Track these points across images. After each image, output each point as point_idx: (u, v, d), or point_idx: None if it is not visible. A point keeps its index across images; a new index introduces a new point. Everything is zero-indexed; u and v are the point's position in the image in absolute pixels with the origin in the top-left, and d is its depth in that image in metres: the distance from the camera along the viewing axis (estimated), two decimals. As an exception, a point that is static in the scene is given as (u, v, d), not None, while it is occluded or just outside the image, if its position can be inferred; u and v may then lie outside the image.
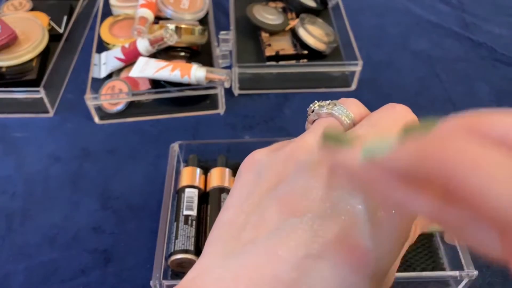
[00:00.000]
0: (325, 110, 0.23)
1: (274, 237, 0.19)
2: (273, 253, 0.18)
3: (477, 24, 0.78)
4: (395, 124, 0.22)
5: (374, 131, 0.21)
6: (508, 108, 0.67)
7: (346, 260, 0.18)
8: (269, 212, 0.20)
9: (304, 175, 0.20)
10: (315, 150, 0.21)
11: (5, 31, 0.63)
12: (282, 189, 0.20)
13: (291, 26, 0.71)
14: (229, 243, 0.20)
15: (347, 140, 0.18)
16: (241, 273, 0.18)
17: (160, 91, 0.62)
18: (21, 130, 0.61)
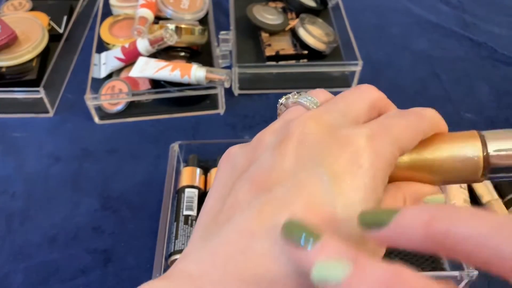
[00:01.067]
0: (292, 100, 0.24)
1: (246, 212, 0.20)
2: (245, 228, 0.19)
3: (477, 24, 0.78)
4: (357, 101, 0.23)
5: (335, 107, 0.23)
6: (508, 108, 0.67)
7: (314, 222, 0.19)
8: (242, 192, 0.21)
9: (271, 153, 0.21)
10: (279, 131, 0.22)
11: (5, 31, 0.63)
12: (252, 170, 0.21)
13: (291, 26, 0.71)
14: (208, 227, 0.21)
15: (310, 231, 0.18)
16: (218, 250, 0.19)
17: (160, 91, 0.62)
18: (21, 130, 0.61)
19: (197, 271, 0.19)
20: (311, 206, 0.19)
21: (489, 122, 0.62)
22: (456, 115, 0.63)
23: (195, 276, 0.19)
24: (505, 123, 0.62)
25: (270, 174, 0.20)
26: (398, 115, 0.23)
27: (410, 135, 0.22)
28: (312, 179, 0.20)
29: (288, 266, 0.18)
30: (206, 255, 0.20)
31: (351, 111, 0.22)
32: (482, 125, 0.61)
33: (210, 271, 0.19)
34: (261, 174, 0.21)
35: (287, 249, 0.18)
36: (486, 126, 0.61)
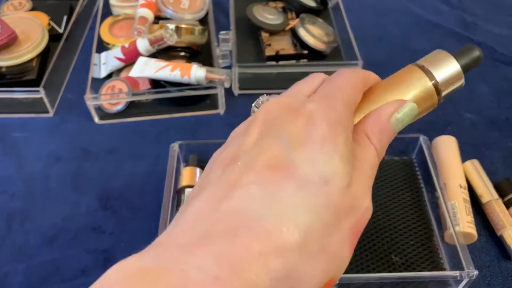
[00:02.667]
0: (262, 100, 0.27)
1: (214, 183, 0.22)
2: (212, 195, 0.21)
3: (477, 24, 0.78)
4: (314, 81, 0.27)
5: (294, 90, 0.27)
6: (508, 108, 0.67)
7: (274, 176, 0.21)
8: (213, 172, 0.23)
9: (240, 137, 0.24)
10: (247, 120, 0.25)
11: (5, 31, 0.63)
12: (223, 154, 0.24)
13: (291, 26, 0.71)
14: (182, 209, 0.22)
15: None
16: (186, 218, 0.21)
17: (160, 91, 0.62)
18: (21, 130, 0.61)
19: (166, 239, 0.20)
20: (272, 163, 0.21)
21: (489, 122, 0.62)
22: (456, 115, 0.63)
23: (165, 243, 0.20)
24: (505, 123, 0.62)
25: (237, 152, 0.23)
26: (334, 78, 0.26)
27: (350, 87, 0.25)
28: (272, 142, 0.22)
29: (252, 216, 0.20)
30: (177, 225, 0.21)
31: (303, 90, 0.26)
32: (482, 125, 0.61)
33: (177, 236, 0.20)
34: (230, 154, 0.23)
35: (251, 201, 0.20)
36: (486, 126, 0.61)
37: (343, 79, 0.25)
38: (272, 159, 0.21)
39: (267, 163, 0.21)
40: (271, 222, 0.19)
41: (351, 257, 0.22)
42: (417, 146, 0.54)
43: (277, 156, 0.21)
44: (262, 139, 0.22)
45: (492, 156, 0.57)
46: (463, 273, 0.41)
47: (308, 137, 0.22)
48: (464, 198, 0.49)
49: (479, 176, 0.52)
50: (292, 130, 0.22)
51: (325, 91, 0.25)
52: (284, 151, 0.22)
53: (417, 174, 0.53)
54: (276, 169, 0.21)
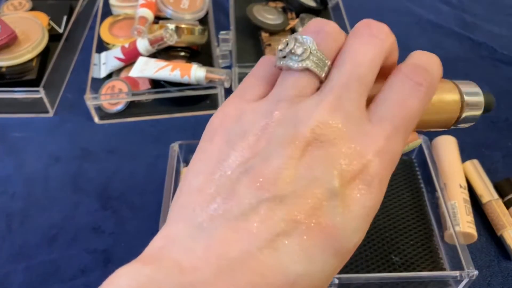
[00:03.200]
0: (299, 64, 0.21)
1: (245, 213, 0.19)
2: (244, 229, 0.18)
3: (477, 24, 0.78)
4: (373, 62, 0.22)
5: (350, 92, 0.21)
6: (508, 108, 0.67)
7: (315, 239, 0.18)
8: (240, 187, 0.19)
9: (278, 151, 0.19)
10: (287, 122, 0.20)
11: (5, 31, 0.63)
12: (254, 165, 0.19)
13: (291, 26, 0.71)
14: (197, 214, 0.19)
15: None
16: (212, 246, 0.18)
17: (160, 91, 0.62)
18: (21, 130, 0.61)
19: (188, 264, 0.18)
20: (315, 216, 0.19)
21: (489, 122, 0.62)
22: (456, 115, 0.63)
23: (187, 270, 0.18)
24: (505, 123, 0.62)
25: (275, 176, 0.19)
26: (406, 94, 0.21)
27: (417, 119, 0.22)
28: (319, 188, 0.19)
29: (289, 277, 0.18)
30: (199, 248, 0.18)
31: (365, 90, 0.21)
32: (482, 125, 0.61)
33: (203, 268, 0.18)
34: (265, 175, 0.19)
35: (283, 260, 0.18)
36: (486, 126, 0.61)
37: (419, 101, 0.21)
38: (315, 220, 0.19)
39: (309, 224, 0.19)
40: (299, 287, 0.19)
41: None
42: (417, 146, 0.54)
43: (321, 216, 0.19)
44: (307, 178, 0.19)
45: (492, 156, 0.57)
46: (463, 273, 0.41)
47: (357, 203, 0.20)
48: (464, 198, 0.49)
49: (479, 176, 0.52)
50: (342, 179, 0.19)
51: (398, 115, 0.21)
52: (330, 212, 0.19)
53: (417, 174, 0.53)
54: (318, 227, 0.19)
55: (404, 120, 0.21)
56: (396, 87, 0.22)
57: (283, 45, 0.22)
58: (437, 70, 0.23)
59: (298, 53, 0.21)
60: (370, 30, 0.22)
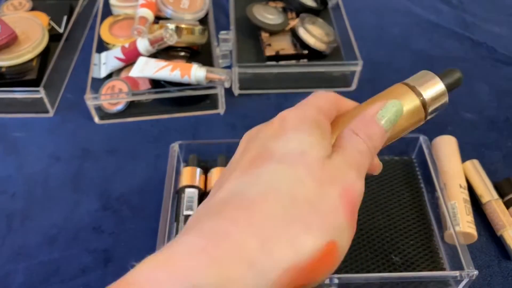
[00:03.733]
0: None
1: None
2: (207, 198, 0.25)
3: (477, 24, 0.78)
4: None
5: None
6: (508, 108, 0.67)
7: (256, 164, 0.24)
8: (245, 158, 0.25)
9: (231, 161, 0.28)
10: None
11: (5, 31, 0.63)
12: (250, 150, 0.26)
13: (291, 26, 0.71)
14: (203, 209, 0.24)
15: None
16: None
17: (160, 91, 0.62)
18: (21, 130, 0.62)
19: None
20: (253, 157, 0.25)
21: (489, 122, 0.62)
22: (456, 115, 0.63)
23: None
24: (505, 123, 0.62)
25: (228, 169, 0.26)
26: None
27: (322, 98, 0.28)
28: (253, 145, 0.26)
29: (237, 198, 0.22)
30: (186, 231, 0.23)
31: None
32: (482, 125, 0.61)
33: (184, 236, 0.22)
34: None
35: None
36: (486, 126, 0.61)
37: (316, 94, 0.28)
38: (252, 155, 0.24)
39: (249, 160, 0.24)
40: (254, 195, 0.21)
41: (353, 228, 0.23)
42: (417, 146, 0.54)
43: (256, 151, 0.24)
44: (246, 148, 0.26)
45: (492, 156, 0.57)
46: (463, 273, 0.41)
47: (282, 129, 0.25)
48: (464, 198, 0.49)
49: (479, 176, 0.52)
50: (269, 131, 0.26)
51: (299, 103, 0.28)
52: (262, 146, 0.25)
53: (417, 174, 0.53)
54: (256, 159, 0.24)
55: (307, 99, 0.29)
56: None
57: None
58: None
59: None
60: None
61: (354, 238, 0.46)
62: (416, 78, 0.27)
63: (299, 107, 0.27)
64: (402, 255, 0.46)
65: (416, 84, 0.26)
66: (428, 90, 0.26)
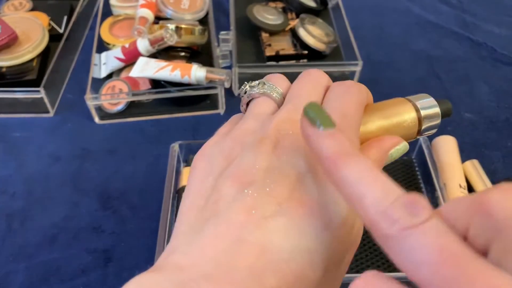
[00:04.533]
0: (257, 90, 0.26)
1: (232, 206, 0.20)
2: (233, 220, 0.20)
3: (477, 24, 0.78)
4: (314, 90, 0.25)
5: (300, 102, 0.24)
6: (508, 108, 0.67)
7: (299, 215, 0.20)
8: (225, 188, 0.21)
9: (251, 151, 0.22)
10: (257, 132, 0.23)
11: (6, 31, 0.63)
12: (233, 167, 0.22)
13: (291, 26, 0.71)
14: (193, 224, 0.21)
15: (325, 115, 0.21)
16: (207, 243, 0.20)
17: (160, 91, 0.62)
18: (21, 130, 0.62)
19: (187, 262, 0.19)
20: (295, 195, 0.20)
21: (489, 122, 0.62)
22: (456, 115, 0.63)
23: (186, 268, 0.19)
24: (505, 123, 0.62)
25: (251, 171, 0.21)
26: (342, 95, 0.25)
27: (359, 114, 0.25)
28: (292, 171, 0.21)
29: (283, 254, 0.19)
30: (196, 248, 0.20)
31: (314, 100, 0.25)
32: (482, 125, 0.61)
33: (200, 263, 0.19)
34: (243, 171, 0.21)
35: (276, 238, 0.19)
36: (486, 126, 0.61)
37: (354, 99, 0.24)
38: (293, 190, 0.21)
39: (290, 195, 0.20)
40: (299, 263, 0.19)
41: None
42: (417, 146, 0.54)
43: (299, 188, 0.21)
44: (280, 166, 0.21)
45: (492, 156, 0.57)
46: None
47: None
48: (464, 198, 0.49)
49: (479, 176, 0.52)
50: (311, 160, 0.22)
51: (339, 115, 0.23)
52: (305, 184, 0.21)
53: (417, 174, 0.53)
54: (300, 203, 0.20)
55: (346, 113, 0.24)
56: (334, 94, 0.25)
57: (243, 86, 0.27)
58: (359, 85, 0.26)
59: (254, 85, 0.26)
60: (309, 75, 0.27)
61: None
62: (416, 96, 0.29)
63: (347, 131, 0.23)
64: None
65: (415, 101, 0.28)
66: (425, 109, 0.28)
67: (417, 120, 0.28)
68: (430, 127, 0.28)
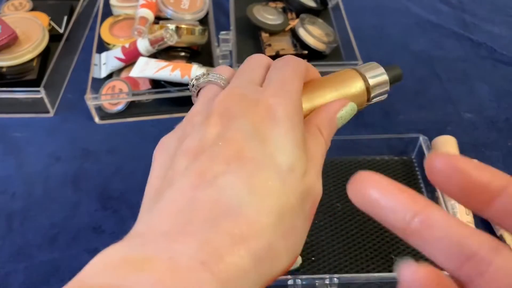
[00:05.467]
0: (202, 80, 0.28)
1: (185, 174, 0.22)
2: (186, 184, 0.22)
3: (477, 24, 0.78)
4: (253, 70, 0.28)
5: (241, 79, 0.27)
6: (508, 108, 0.67)
7: (248, 170, 0.22)
8: (178, 163, 0.23)
9: (199, 127, 0.24)
10: (204, 111, 0.25)
11: (6, 31, 0.63)
12: (184, 144, 0.24)
13: (291, 26, 0.71)
14: (152, 198, 0.23)
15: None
16: (164, 208, 0.21)
17: (160, 91, 0.62)
18: (21, 130, 0.62)
19: (146, 229, 0.21)
20: (241, 154, 0.22)
21: (489, 122, 0.62)
22: (456, 115, 0.63)
23: (145, 233, 0.21)
24: (505, 123, 0.62)
25: (200, 143, 0.23)
26: (282, 67, 0.27)
27: (298, 78, 0.27)
28: (237, 133, 0.23)
29: (231, 204, 0.21)
30: (154, 216, 0.21)
31: (254, 78, 0.27)
32: (482, 125, 0.61)
33: (158, 225, 0.21)
34: (193, 144, 0.24)
35: (228, 190, 0.21)
36: (486, 126, 0.61)
37: (291, 69, 0.27)
38: (240, 150, 0.23)
39: (237, 154, 0.22)
40: (250, 209, 0.21)
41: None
42: (417, 146, 0.54)
43: (245, 147, 0.23)
44: (226, 131, 0.23)
45: (492, 156, 0.57)
46: (463, 273, 0.41)
47: (271, 130, 0.24)
48: (464, 198, 0.49)
49: (479, 176, 0.52)
50: (254, 122, 0.24)
51: (278, 83, 0.26)
52: (251, 142, 0.23)
53: (417, 174, 0.53)
54: (247, 159, 0.22)
55: (284, 80, 0.26)
56: (273, 70, 0.28)
57: (190, 81, 0.29)
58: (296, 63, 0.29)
59: (200, 77, 0.28)
60: (250, 58, 0.29)
61: (354, 238, 0.47)
62: (364, 66, 0.31)
63: (282, 92, 0.25)
64: (402, 255, 0.46)
65: (364, 71, 0.30)
66: (374, 78, 0.30)
67: (366, 88, 0.30)
68: (380, 93, 0.31)
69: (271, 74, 0.27)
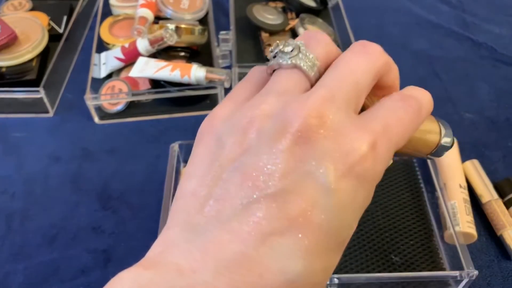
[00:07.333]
0: (288, 60, 0.21)
1: (237, 213, 0.18)
2: (237, 230, 0.18)
3: (477, 24, 0.78)
4: (364, 75, 0.21)
5: (342, 91, 0.20)
6: (508, 108, 0.67)
7: (311, 236, 0.18)
8: (231, 186, 0.19)
9: (267, 146, 0.19)
10: (276, 117, 0.19)
11: (5, 31, 0.63)
12: (244, 162, 0.19)
13: (291, 26, 0.71)
14: (193, 217, 0.19)
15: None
16: (208, 248, 0.18)
17: (160, 91, 0.62)
18: (21, 130, 0.61)
19: (187, 266, 0.18)
20: (307, 215, 0.18)
21: (489, 122, 0.62)
22: (456, 115, 0.63)
23: (185, 273, 0.18)
24: (505, 123, 0.62)
25: (264, 171, 0.19)
26: (398, 108, 0.21)
27: (406, 135, 0.21)
28: (309, 184, 0.18)
29: (288, 276, 0.18)
30: (196, 251, 0.18)
31: (357, 96, 0.21)
32: (482, 125, 0.61)
33: (201, 270, 0.18)
34: (255, 170, 0.19)
35: (278, 258, 0.18)
36: (486, 126, 0.61)
37: (409, 118, 0.22)
38: (306, 211, 0.19)
39: (300, 214, 0.19)
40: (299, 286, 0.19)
41: None
42: (417, 146, 0.54)
43: (312, 210, 0.19)
44: (298, 175, 0.19)
45: (492, 156, 0.57)
46: (463, 273, 0.41)
47: (348, 191, 0.19)
48: (464, 198, 0.49)
49: (479, 176, 0.52)
50: (333, 171, 0.19)
51: (385, 129, 0.20)
52: (321, 206, 0.19)
53: (417, 174, 0.53)
54: (311, 227, 0.19)
55: (393, 129, 0.21)
56: (388, 104, 0.22)
57: (274, 46, 0.22)
58: (428, 103, 0.23)
59: (287, 51, 0.21)
60: (365, 48, 0.22)
61: (354, 238, 0.47)
62: (442, 122, 0.29)
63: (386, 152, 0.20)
64: (402, 255, 0.46)
65: (442, 127, 0.28)
66: (445, 137, 0.28)
67: (435, 144, 0.27)
68: (436, 154, 0.28)
69: (381, 110, 0.21)
